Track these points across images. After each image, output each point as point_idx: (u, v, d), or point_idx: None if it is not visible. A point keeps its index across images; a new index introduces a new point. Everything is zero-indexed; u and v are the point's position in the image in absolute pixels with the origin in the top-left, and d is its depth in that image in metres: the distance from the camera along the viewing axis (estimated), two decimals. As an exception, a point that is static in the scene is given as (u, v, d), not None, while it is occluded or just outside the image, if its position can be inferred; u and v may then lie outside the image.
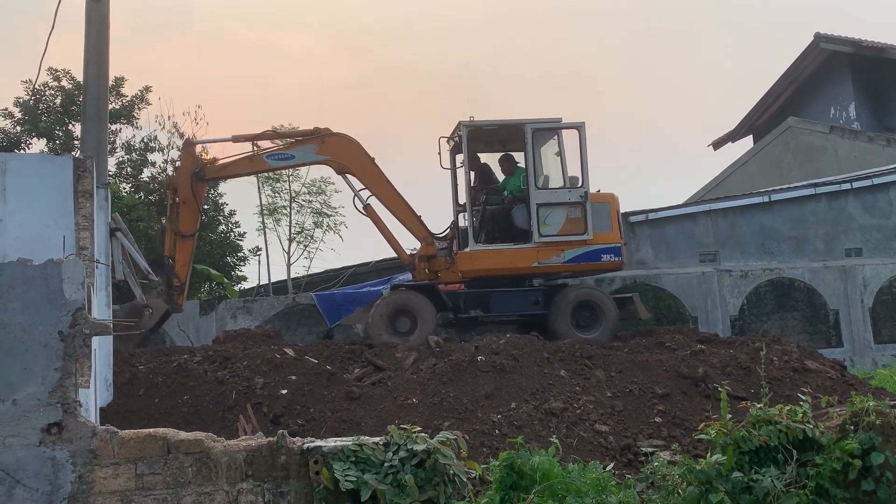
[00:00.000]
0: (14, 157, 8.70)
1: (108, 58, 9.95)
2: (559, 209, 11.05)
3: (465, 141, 11.23)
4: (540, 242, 10.94)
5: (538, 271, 11.21)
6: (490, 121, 11.53)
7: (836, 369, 9.44)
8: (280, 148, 11.27)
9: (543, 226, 10.96)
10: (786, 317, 14.44)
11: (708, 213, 14.96)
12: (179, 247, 10.94)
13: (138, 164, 17.37)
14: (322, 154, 11.16)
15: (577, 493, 5.28)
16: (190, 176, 10.87)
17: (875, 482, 4.79)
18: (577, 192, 11.10)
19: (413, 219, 11.39)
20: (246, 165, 11.24)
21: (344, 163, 11.17)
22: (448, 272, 11.24)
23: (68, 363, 4.20)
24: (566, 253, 10.98)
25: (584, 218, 11.02)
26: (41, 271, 4.23)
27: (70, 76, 16.86)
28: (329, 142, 11.14)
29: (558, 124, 11.52)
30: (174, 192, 11.08)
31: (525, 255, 10.98)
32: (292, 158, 11.36)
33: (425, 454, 4.21)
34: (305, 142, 11.21)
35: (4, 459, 4.07)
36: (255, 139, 11.19)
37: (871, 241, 15.21)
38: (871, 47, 20.59)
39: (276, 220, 16.36)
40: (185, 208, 10.92)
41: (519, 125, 11.36)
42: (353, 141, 11.26)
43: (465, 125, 11.25)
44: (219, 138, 11.34)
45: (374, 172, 11.24)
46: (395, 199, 11.30)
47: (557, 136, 11.56)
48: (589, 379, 8.34)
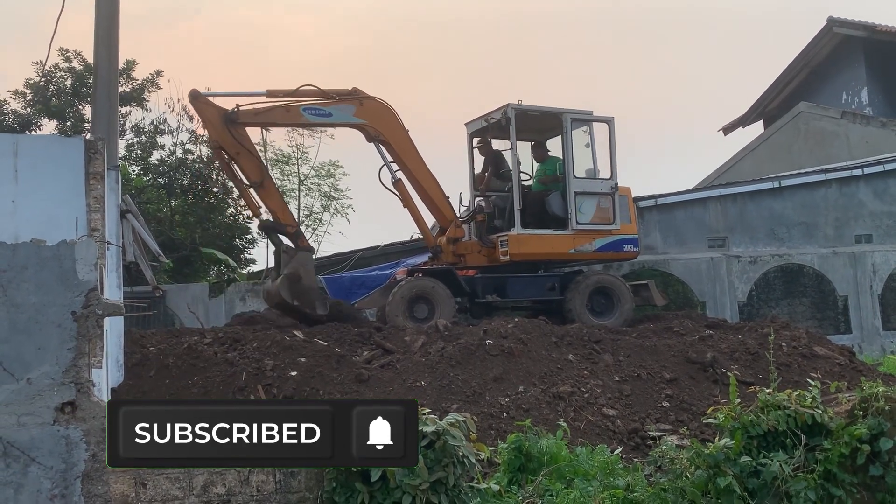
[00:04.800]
0: (26, 139, 8.75)
1: (119, 40, 9.92)
2: (591, 199, 11.37)
3: (513, 123, 11.20)
4: (577, 230, 11.17)
5: (573, 258, 11.50)
6: (535, 106, 11.61)
7: (845, 355, 9.44)
8: (318, 103, 10.63)
9: (579, 214, 11.21)
10: (794, 303, 14.40)
11: (717, 198, 14.91)
12: (264, 197, 10.57)
13: (148, 147, 17.40)
14: (359, 117, 10.69)
15: (584, 475, 5.32)
16: (222, 124, 10.16)
17: (883, 467, 4.80)
18: (608, 184, 11.44)
19: (443, 199, 11.29)
20: (282, 115, 10.58)
21: (379, 129, 10.74)
22: (477, 255, 11.24)
23: (81, 343, 4.22)
24: (596, 241, 11.30)
25: (612, 208, 11.37)
26: (54, 252, 4.25)
27: (81, 58, 16.85)
28: (367, 105, 10.72)
29: (591, 116, 11.72)
30: (220, 151, 10.49)
31: (563, 242, 11.19)
32: (329, 116, 10.80)
33: (435, 436, 4.24)
34: (344, 101, 10.65)
35: (19, 438, 4.11)
36: (292, 94, 10.55)
37: (881, 227, 15.13)
38: (884, 31, 20.39)
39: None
40: (242, 159, 10.34)
41: (558, 113, 11.53)
42: (391, 109, 10.86)
43: (513, 108, 11.24)
44: (252, 92, 10.58)
45: (407, 145, 10.93)
46: (427, 177, 11.10)
47: (589, 128, 11.67)
48: (597, 363, 8.36)
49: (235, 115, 10.19)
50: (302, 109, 10.51)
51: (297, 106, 10.48)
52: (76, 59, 16.95)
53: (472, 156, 12.25)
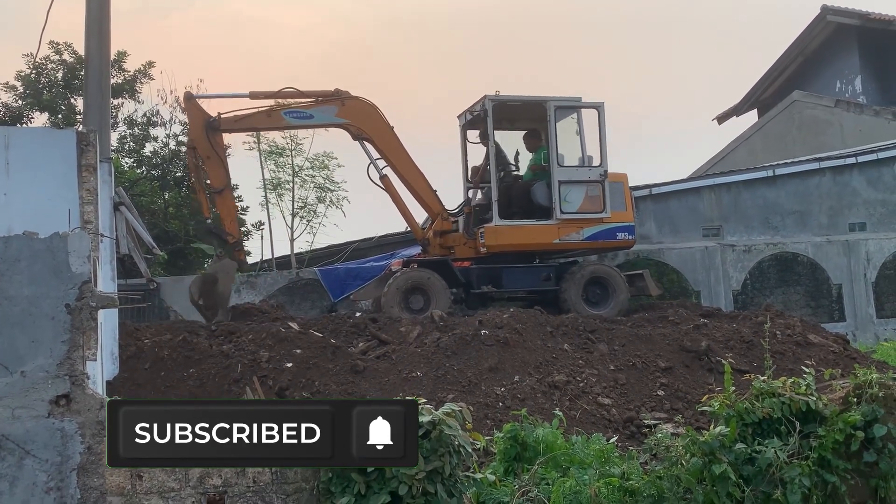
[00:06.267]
0: (17, 131, 8.70)
1: (110, 31, 9.87)
2: (579, 187, 11.18)
3: (490, 114, 11.16)
4: (561, 219, 11.03)
5: (558, 248, 11.33)
6: (514, 96, 11.54)
7: (839, 343, 9.48)
8: (299, 106, 10.87)
9: (564, 203, 11.06)
10: (788, 291, 14.43)
11: (711, 187, 14.90)
12: (219, 204, 10.77)
13: (140, 139, 17.29)
14: (341, 117, 10.86)
15: (580, 464, 5.33)
16: (203, 128, 10.45)
17: (877, 454, 4.83)
18: (596, 171, 11.24)
19: (429, 192, 11.32)
20: (263, 120, 10.82)
21: (363, 128, 10.91)
22: (464, 247, 11.23)
23: (75, 336, 4.22)
24: (585, 230, 11.13)
25: (602, 196, 11.17)
26: (47, 244, 4.24)
27: (72, 50, 16.71)
28: (349, 105, 10.87)
29: (578, 103, 11.55)
30: (194, 152, 10.75)
31: (547, 232, 11.07)
32: (311, 118, 11.01)
33: (430, 425, 4.24)
34: (325, 102, 10.85)
35: (14, 431, 4.10)
36: (273, 96, 10.80)
37: (875, 215, 15.16)
38: (878, 20, 20.39)
39: (279, 194, 16.29)
40: (210, 163, 10.58)
41: (541, 102, 11.40)
42: (373, 107, 11.01)
43: (490, 99, 11.20)
44: (235, 93, 10.88)
45: (391, 141, 11.05)
46: (412, 171, 11.17)
47: (577, 115, 11.56)
48: (592, 353, 8.38)
49: (217, 122, 10.48)
50: (283, 113, 10.72)
51: (278, 110, 10.71)
52: (67, 52, 16.81)
53: (465, 148, 12.20)
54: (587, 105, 11.53)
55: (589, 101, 11.54)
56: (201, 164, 10.67)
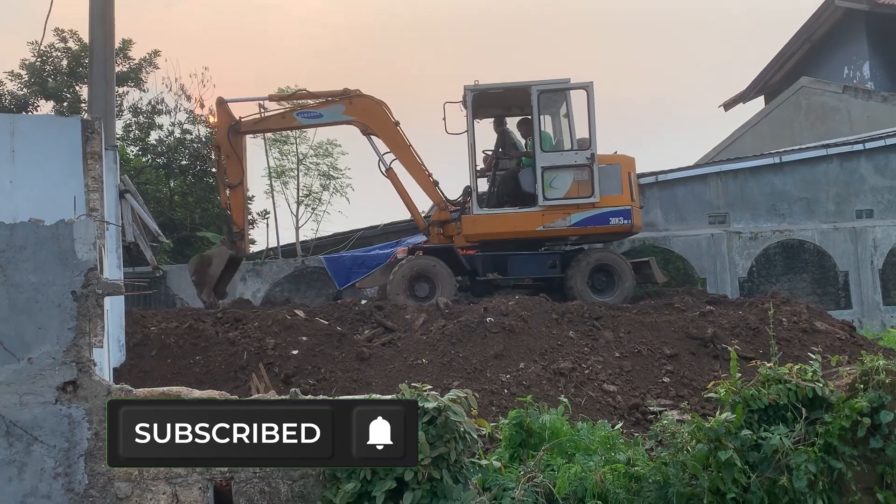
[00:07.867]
0: (23, 119, 8.72)
1: (114, 19, 9.86)
2: (565, 172, 11.01)
3: (469, 105, 11.25)
4: (545, 206, 10.94)
5: (543, 235, 11.19)
6: (495, 84, 11.51)
7: (845, 330, 9.45)
8: (310, 107, 11.72)
9: (549, 189, 10.94)
10: (795, 278, 14.39)
11: (718, 174, 14.84)
12: (232, 197, 11.59)
13: (146, 127, 17.28)
14: (349, 115, 11.49)
15: (585, 450, 5.33)
16: (227, 131, 11.38)
17: (883, 440, 4.82)
18: (583, 154, 11.04)
19: (429, 184, 11.54)
20: (278, 121, 11.80)
21: (368, 124, 11.48)
22: (460, 237, 11.36)
23: (82, 323, 4.23)
24: (572, 216, 10.95)
25: (591, 180, 10.96)
26: (53, 231, 4.25)
27: (77, 37, 16.70)
28: (356, 103, 11.46)
29: (565, 85, 11.40)
30: (217, 150, 11.72)
31: (529, 219, 10.99)
32: (321, 117, 11.74)
33: (436, 412, 4.24)
34: (334, 102, 11.55)
35: (22, 417, 4.13)
36: (290, 98, 11.90)
37: (882, 202, 15.08)
38: (886, 5, 20.19)
39: (284, 182, 16.30)
40: (229, 162, 11.49)
41: (525, 87, 11.28)
42: (380, 104, 11.53)
43: (469, 89, 11.24)
44: (256, 97, 11.91)
45: (395, 136, 11.49)
46: (413, 164, 11.49)
47: (566, 98, 11.44)
48: (597, 339, 8.37)
49: (239, 125, 11.53)
50: (296, 114, 11.66)
51: (291, 112, 11.68)
52: (72, 39, 16.80)
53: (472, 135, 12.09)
54: (575, 86, 11.34)
55: (577, 83, 11.34)
56: (223, 162, 11.61)
